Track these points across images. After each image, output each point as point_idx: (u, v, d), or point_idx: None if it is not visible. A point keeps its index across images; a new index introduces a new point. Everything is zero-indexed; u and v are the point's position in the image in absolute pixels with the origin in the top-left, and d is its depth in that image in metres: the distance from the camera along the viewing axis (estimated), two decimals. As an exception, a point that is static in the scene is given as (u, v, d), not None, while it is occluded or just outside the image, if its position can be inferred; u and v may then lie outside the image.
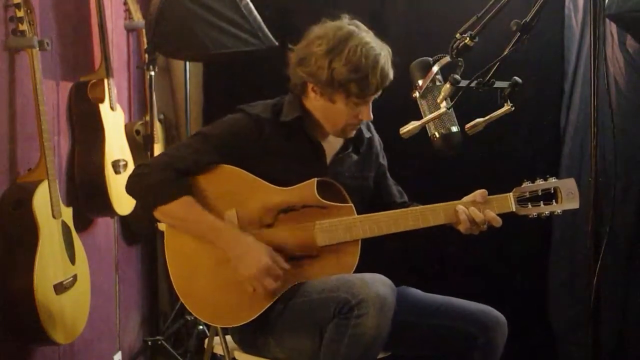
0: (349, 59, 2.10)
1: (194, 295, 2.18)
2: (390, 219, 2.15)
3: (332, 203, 2.16)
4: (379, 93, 2.18)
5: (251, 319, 2.12)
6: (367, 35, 2.16)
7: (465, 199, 2.16)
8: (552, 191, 2.13)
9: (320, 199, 2.14)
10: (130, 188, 2.20)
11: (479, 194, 2.15)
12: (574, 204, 2.12)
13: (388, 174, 2.43)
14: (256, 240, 2.12)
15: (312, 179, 2.15)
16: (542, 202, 2.12)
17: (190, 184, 2.16)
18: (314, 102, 2.21)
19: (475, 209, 2.12)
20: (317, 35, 2.17)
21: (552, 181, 2.13)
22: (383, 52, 2.14)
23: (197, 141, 2.21)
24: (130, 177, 2.21)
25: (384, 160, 2.43)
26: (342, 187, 2.20)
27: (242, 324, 2.13)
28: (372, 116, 2.20)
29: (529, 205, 2.13)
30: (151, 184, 2.14)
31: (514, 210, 2.12)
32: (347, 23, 2.18)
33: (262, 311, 2.11)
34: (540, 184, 2.13)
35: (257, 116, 2.21)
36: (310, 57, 2.15)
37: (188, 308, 2.20)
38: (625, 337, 3.11)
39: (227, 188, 2.18)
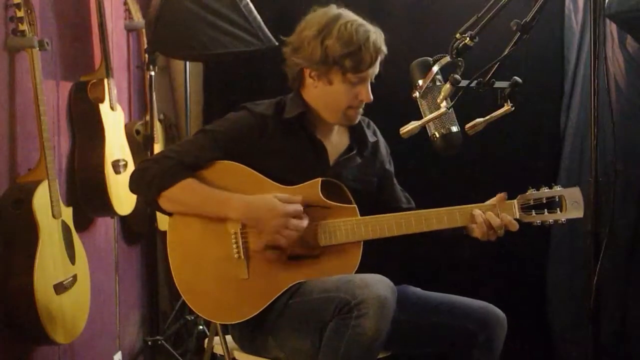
0: (340, 35, 2.14)
1: (195, 291, 2.17)
2: (393, 221, 2.15)
3: (335, 203, 2.16)
4: (375, 70, 2.19)
5: (252, 316, 2.12)
6: (356, 16, 2.20)
7: (482, 204, 2.16)
8: (557, 199, 2.13)
9: (324, 198, 2.15)
10: (134, 183, 2.20)
11: (497, 197, 2.15)
12: (579, 213, 2.11)
13: (395, 180, 2.43)
14: (259, 195, 2.13)
15: (317, 179, 2.15)
16: (546, 210, 2.12)
17: (193, 174, 2.17)
18: (313, 89, 2.22)
19: (492, 213, 2.12)
20: (306, 21, 2.22)
21: (557, 189, 2.13)
22: (373, 29, 2.19)
23: (200, 137, 2.22)
24: (133, 173, 2.22)
25: (390, 167, 2.42)
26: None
27: (242, 320, 2.13)
28: (371, 97, 2.21)
29: (533, 213, 2.13)
30: (154, 174, 2.14)
31: (518, 217, 2.12)
32: (335, 7, 2.23)
33: (263, 308, 2.11)
34: (545, 192, 2.13)
35: (260, 114, 2.22)
36: (303, 42, 2.19)
37: (188, 304, 2.20)
38: (625, 337, 3.11)
39: (231, 185, 2.18)
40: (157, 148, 3.32)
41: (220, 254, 2.15)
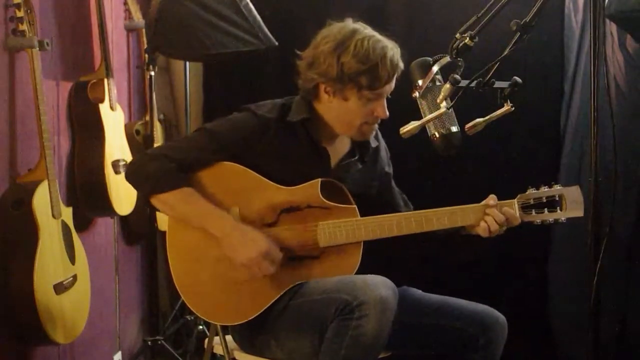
0: (356, 52, 2.11)
1: (195, 292, 2.18)
2: (393, 222, 2.15)
3: (335, 204, 2.16)
4: (392, 86, 2.17)
5: (251, 318, 2.12)
6: (372, 32, 2.17)
7: (478, 205, 2.15)
8: (557, 198, 2.12)
9: (324, 199, 2.14)
10: (130, 175, 2.20)
11: (490, 198, 2.15)
12: (579, 212, 2.10)
13: (394, 183, 2.42)
14: (254, 229, 2.12)
15: (316, 179, 2.15)
16: (546, 209, 2.12)
17: (192, 178, 2.17)
18: (328, 104, 2.20)
19: (494, 209, 2.11)
20: (322, 36, 2.18)
21: (557, 188, 2.12)
22: (390, 45, 2.15)
23: (201, 137, 2.21)
24: (131, 165, 2.23)
25: (389, 169, 2.42)
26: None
27: (242, 322, 2.14)
28: (387, 113, 2.19)
29: (533, 212, 2.12)
30: (150, 173, 2.14)
31: (518, 217, 2.12)
32: (351, 22, 2.19)
33: (262, 310, 2.11)
34: (544, 191, 2.12)
35: (263, 116, 2.20)
36: (319, 57, 2.15)
37: (188, 305, 2.20)
38: (625, 337, 3.11)
39: (231, 186, 2.18)
40: (157, 148, 3.32)
41: (220, 255, 2.15)
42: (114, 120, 2.93)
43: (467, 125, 1.86)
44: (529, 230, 2.18)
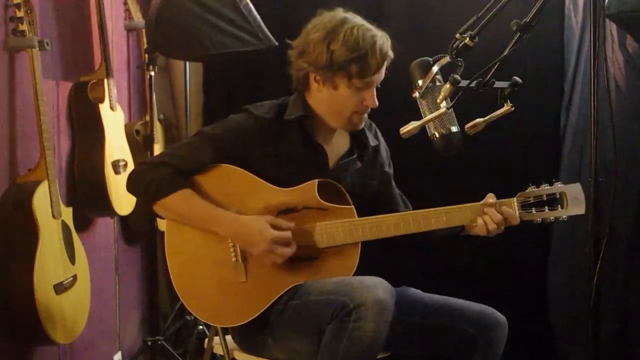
0: (346, 40, 2.11)
1: (194, 295, 2.18)
2: (391, 222, 2.14)
3: (332, 205, 2.15)
4: (381, 76, 2.17)
5: (250, 319, 2.12)
6: (362, 20, 2.18)
7: (476, 204, 2.15)
8: (557, 196, 2.12)
9: (321, 200, 2.14)
10: (130, 185, 2.21)
11: (489, 197, 2.15)
12: (580, 210, 2.09)
13: (393, 183, 2.42)
14: (252, 217, 2.13)
15: (313, 180, 2.14)
16: (546, 207, 2.11)
17: (190, 181, 2.17)
18: (318, 93, 2.20)
19: (492, 208, 2.11)
20: (312, 24, 2.19)
21: (558, 186, 2.12)
22: (379, 34, 2.16)
23: (198, 141, 2.21)
24: (130, 175, 2.22)
25: (389, 169, 2.41)
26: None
27: (241, 324, 2.14)
28: (377, 102, 2.19)
29: (533, 211, 2.11)
30: (150, 180, 2.14)
31: (517, 216, 2.11)
32: (341, 11, 2.20)
33: (260, 311, 2.11)
34: (545, 189, 2.12)
35: (261, 117, 2.20)
36: (309, 46, 2.16)
37: (187, 308, 2.20)
38: (625, 337, 3.11)
39: (228, 188, 2.18)
40: (157, 148, 3.32)
41: (218, 257, 2.15)
42: (114, 120, 2.93)
43: (467, 125, 1.86)
44: (529, 229, 2.18)
